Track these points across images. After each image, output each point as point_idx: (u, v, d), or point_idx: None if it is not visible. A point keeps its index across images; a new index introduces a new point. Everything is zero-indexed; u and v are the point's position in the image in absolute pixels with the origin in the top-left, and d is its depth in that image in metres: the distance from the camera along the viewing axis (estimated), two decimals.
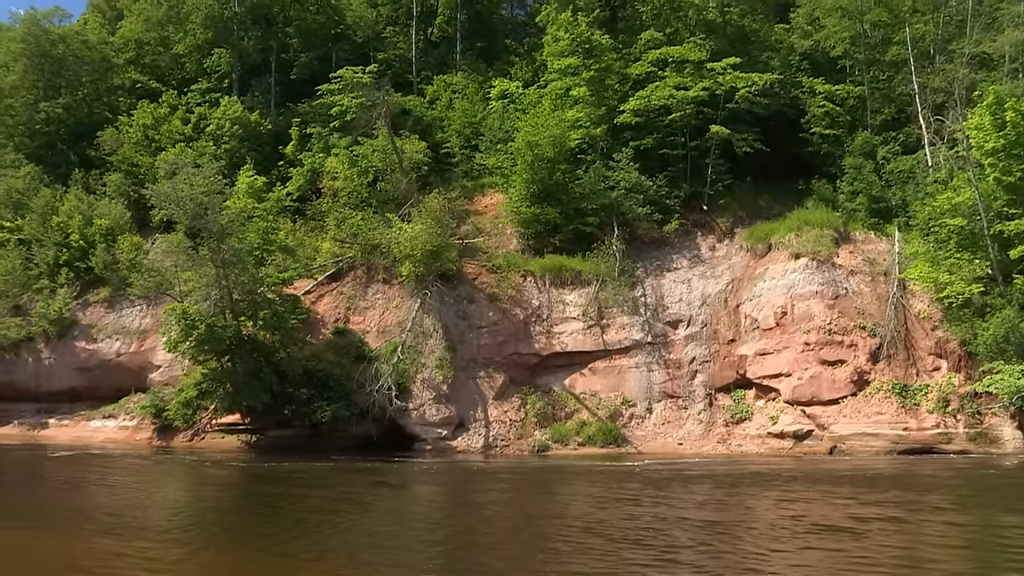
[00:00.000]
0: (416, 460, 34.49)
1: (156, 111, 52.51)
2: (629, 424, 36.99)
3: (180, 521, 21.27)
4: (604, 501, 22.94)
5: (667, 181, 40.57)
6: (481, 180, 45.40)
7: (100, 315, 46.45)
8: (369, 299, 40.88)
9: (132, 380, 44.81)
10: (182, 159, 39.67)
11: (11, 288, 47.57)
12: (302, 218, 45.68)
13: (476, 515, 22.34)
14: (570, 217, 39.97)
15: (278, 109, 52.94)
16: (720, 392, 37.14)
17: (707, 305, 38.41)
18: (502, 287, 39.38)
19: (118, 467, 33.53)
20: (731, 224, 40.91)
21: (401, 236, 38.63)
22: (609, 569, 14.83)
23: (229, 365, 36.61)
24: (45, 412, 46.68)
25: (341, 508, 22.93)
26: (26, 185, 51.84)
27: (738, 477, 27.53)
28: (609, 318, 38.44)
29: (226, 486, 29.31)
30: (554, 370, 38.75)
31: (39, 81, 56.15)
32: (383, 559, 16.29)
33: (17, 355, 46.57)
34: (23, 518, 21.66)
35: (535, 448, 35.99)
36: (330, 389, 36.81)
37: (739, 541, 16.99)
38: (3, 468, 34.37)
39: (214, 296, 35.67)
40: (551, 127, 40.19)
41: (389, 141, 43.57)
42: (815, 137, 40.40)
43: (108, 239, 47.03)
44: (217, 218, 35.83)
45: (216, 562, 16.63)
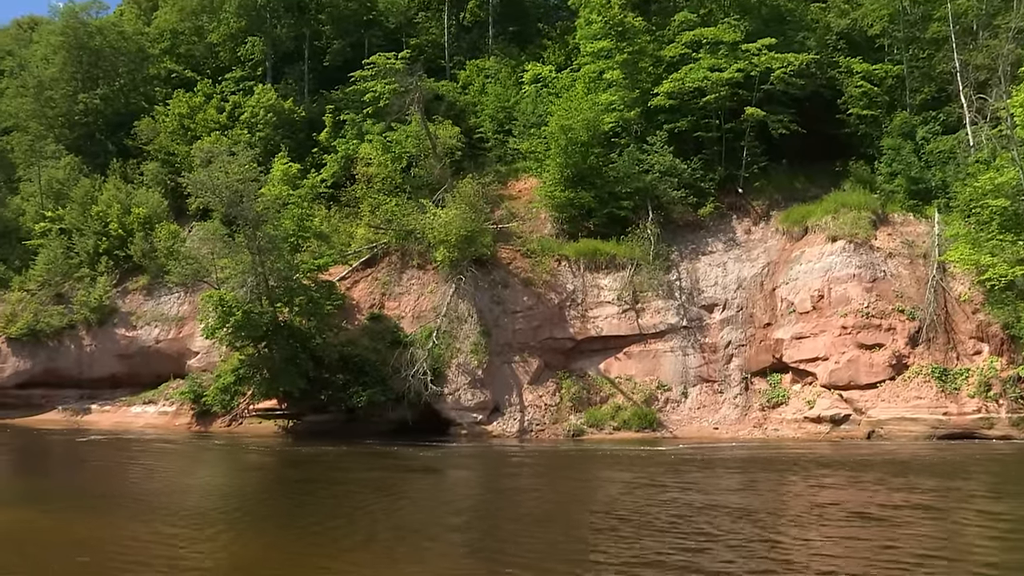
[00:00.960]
0: (451, 445, 34.67)
1: (191, 100, 52.98)
2: (664, 408, 36.85)
3: (216, 505, 21.53)
4: (637, 487, 22.88)
5: (702, 164, 40.19)
6: (515, 165, 45.30)
7: (139, 302, 47.09)
8: (404, 284, 41.04)
9: (171, 366, 45.44)
10: (217, 147, 39.92)
11: (53, 277, 48.40)
12: (336, 204, 45.90)
13: (511, 501, 22.43)
14: (604, 201, 39.76)
15: (311, 96, 53.14)
16: (756, 376, 36.83)
17: (743, 289, 38.06)
18: (536, 272, 39.32)
19: (153, 451, 34.09)
20: (767, 207, 40.45)
21: (435, 221, 38.68)
22: (635, 556, 14.75)
23: (266, 351, 36.96)
24: (88, 398, 47.49)
25: (377, 493, 23.08)
26: (66, 176, 52.64)
27: (773, 462, 27.36)
28: (644, 302, 38.25)
29: (262, 470, 29.65)
30: (589, 354, 38.67)
31: (78, 73, 56.86)
32: (418, 544, 16.37)
33: (60, 342, 47.38)
34: (62, 500, 22.10)
35: (570, 432, 35.98)
36: (366, 374, 37.05)
37: (766, 528, 16.77)
38: (42, 452, 35.00)
39: (250, 283, 35.98)
40: (584, 111, 39.96)
41: (422, 127, 43.59)
42: (852, 118, 39.72)
43: (146, 227, 47.62)
44: (252, 205, 36.09)
45: (252, 545, 16.80)
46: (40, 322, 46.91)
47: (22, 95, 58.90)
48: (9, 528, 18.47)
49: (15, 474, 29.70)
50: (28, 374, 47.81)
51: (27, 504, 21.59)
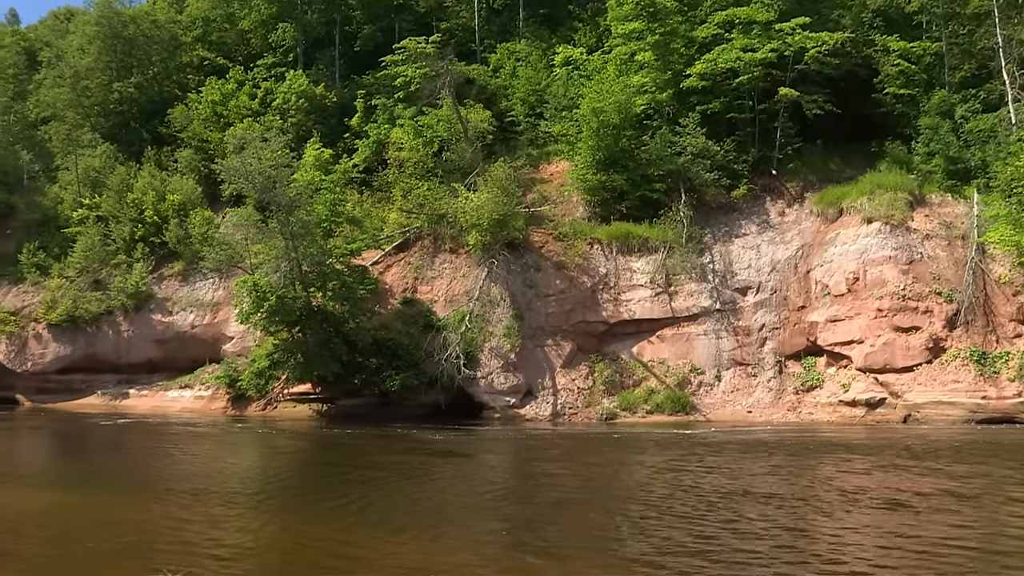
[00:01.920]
0: (485, 428, 34.76)
1: (224, 87, 53.27)
2: (698, 392, 36.70)
3: (252, 488, 21.77)
4: (668, 471, 22.80)
5: (735, 146, 39.82)
6: (546, 148, 45.14)
7: (175, 288, 47.59)
8: (436, 269, 41.15)
9: (206, 351, 45.95)
10: (250, 134, 40.14)
11: (91, 263, 49.06)
12: (369, 189, 46.09)
13: (542, 485, 22.45)
14: (636, 184, 39.53)
15: (343, 82, 53.30)
16: (790, 359, 36.54)
17: (776, 271, 37.72)
18: (569, 255, 39.23)
19: (190, 435, 34.50)
20: (801, 188, 39.98)
21: (467, 205, 38.71)
22: (659, 544, 14.74)
23: (300, 336, 37.25)
24: (126, 383, 48.18)
25: (410, 476, 23.18)
26: (102, 164, 53.25)
27: (806, 446, 27.10)
28: (677, 285, 38.07)
29: (297, 454, 29.93)
30: (622, 338, 38.58)
31: (112, 62, 57.45)
32: (450, 528, 16.47)
33: (98, 328, 48.06)
34: (102, 483, 22.45)
35: (603, 416, 35.95)
36: (399, 358, 37.25)
37: (792, 515, 16.61)
38: (83, 436, 35.54)
39: (284, 268, 36.25)
40: (616, 93, 39.71)
41: (454, 111, 43.56)
42: (888, 97, 39.09)
43: (181, 214, 48.11)
44: (285, 191, 36.33)
45: (287, 527, 16.98)
46: (79, 308, 47.62)
47: (59, 85, 59.61)
48: (53, 510, 18.80)
49: (57, 457, 30.22)
50: (68, 359, 48.59)
51: (69, 487, 21.99)
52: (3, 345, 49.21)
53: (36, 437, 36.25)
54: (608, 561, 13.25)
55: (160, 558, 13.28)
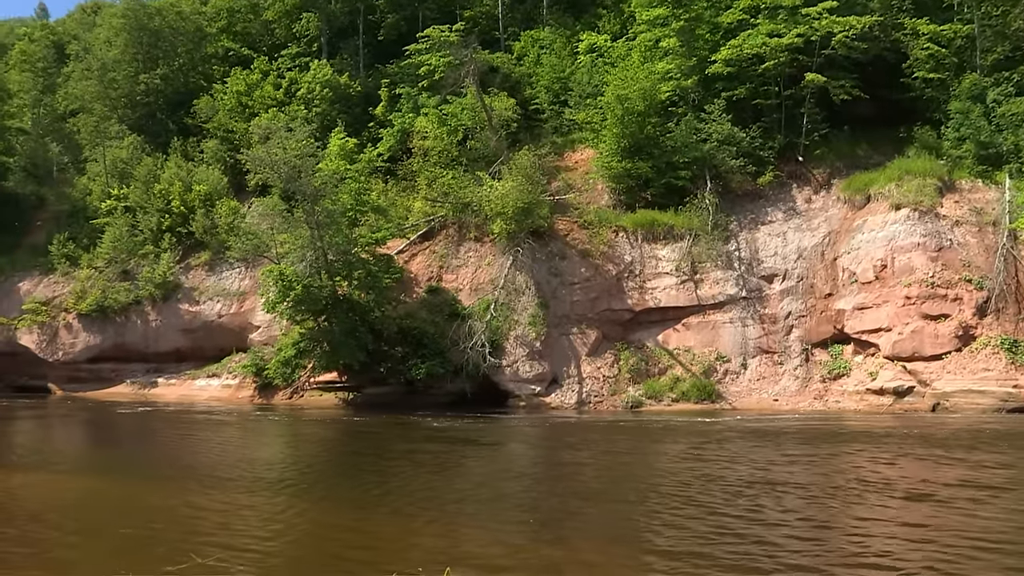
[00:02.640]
0: (510, 416, 34.82)
1: (248, 78, 53.53)
2: (723, 380, 36.56)
3: (278, 475, 21.91)
4: (692, 460, 22.75)
5: (760, 132, 39.47)
6: (571, 136, 44.99)
7: (201, 278, 47.96)
8: (461, 257, 41.20)
9: (233, 340, 46.33)
10: (275, 124, 40.33)
11: (119, 254, 49.58)
12: (393, 178, 46.19)
13: (567, 473, 22.47)
14: (662, 171, 39.32)
15: (367, 71, 53.37)
16: (817, 347, 36.28)
17: (803, 259, 37.43)
18: (594, 243, 39.14)
19: (218, 423, 34.80)
20: (828, 175, 39.58)
21: (492, 194, 38.70)
22: (684, 534, 14.69)
23: (326, 324, 37.44)
24: (154, 372, 48.72)
25: (436, 464, 23.26)
26: (129, 155, 53.73)
27: (832, 435, 26.87)
28: (702, 273, 37.89)
29: (324, 442, 30.09)
30: (647, 326, 38.48)
31: (138, 54, 57.90)
32: (477, 516, 16.48)
33: (127, 318, 48.58)
34: (132, 470, 22.72)
35: (629, 404, 35.89)
36: (424, 347, 37.37)
37: (818, 506, 16.42)
38: (113, 424, 35.95)
39: (309, 257, 36.43)
40: (641, 80, 39.48)
41: (478, 99, 43.50)
42: (918, 82, 38.49)
43: (207, 204, 48.46)
44: (310, 180, 36.48)
45: (314, 514, 17.08)
46: (108, 298, 48.15)
47: (87, 78, 60.16)
48: (85, 496, 19.07)
49: (89, 445, 30.61)
50: (98, 349, 49.18)
51: (101, 474, 22.28)
52: (35, 335, 49.88)
53: (68, 425, 36.70)
54: (633, 552, 13.23)
55: (190, 545, 13.41)
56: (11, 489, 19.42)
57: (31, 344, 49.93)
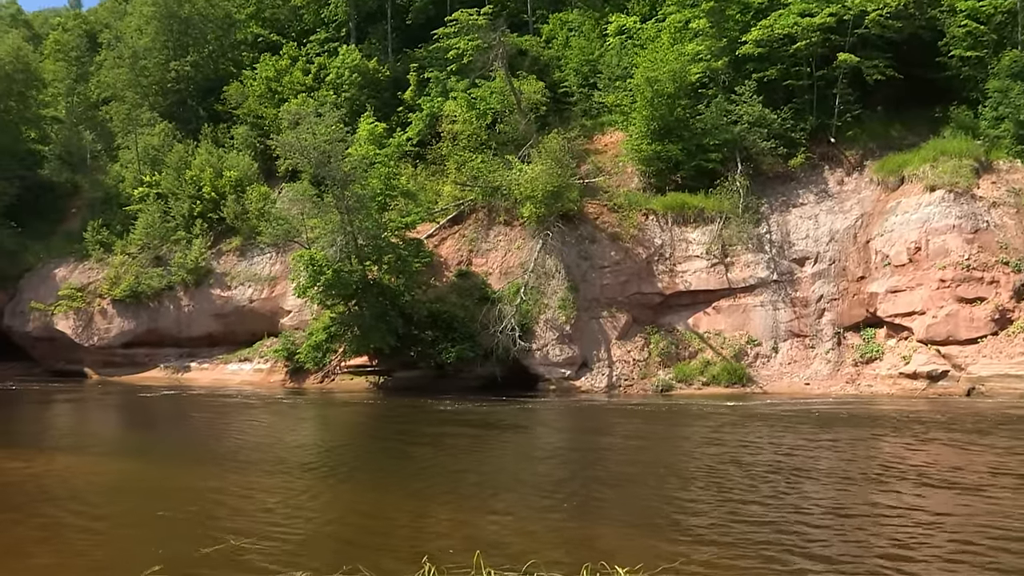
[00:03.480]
0: (540, 400, 34.84)
1: (278, 63, 53.69)
2: (754, 363, 36.36)
3: (310, 458, 22.15)
4: (725, 445, 22.69)
5: (792, 114, 39.03)
6: (600, 118, 44.76)
7: (233, 263, 48.31)
8: (491, 241, 41.23)
9: (265, 325, 46.67)
10: (304, 109, 40.49)
11: (152, 240, 50.01)
12: (423, 163, 46.23)
13: (602, 456, 22.48)
14: (692, 153, 39.04)
15: (395, 55, 53.34)
16: (849, 331, 35.95)
17: (835, 241, 37.07)
18: (624, 226, 38.99)
19: (250, 407, 35.08)
20: (860, 157, 39.08)
21: (521, 177, 38.64)
22: (716, 519, 14.63)
23: (356, 309, 37.63)
24: (187, 356, 49.18)
25: (467, 447, 23.39)
26: (161, 142, 54.07)
27: (863, 419, 26.61)
28: (733, 256, 37.66)
29: (355, 425, 30.33)
30: (677, 309, 38.34)
31: (169, 41, 58.14)
32: (511, 498, 16.53)
33: (160, 303, 49.06)
34: (167, 453, 23.01)
35: (659, 388, 35.79)
36: (454, 331, 37.47)
37: (847, 493, 16.21)
38: (147, 408, 36.39)
39: (340, 242, 36.56)
40: (670, 62, 39.17)
41: (506, 82, 43.38)
42: (954, 60, 37.62)
43: (238, 190, 48.72)
44: (340, 165, 36.58)
45: (346, 496, 17.27)
46: (141, 284, 48.62)
47: (118, 66, 60.55)
48: (120, 479, 19.33)
49: (124, 429, 31.01)
50: (132, 334, 49.70)
51: (136, 457, 22.59)
52: (71, 320, 50.49)
53: (103, 409, 37.20)
54: (659, 537, 13.20)
55: (225, 526, 13.57)
56: (51, 471, 19.74)
57: (67, 329, 50.59)
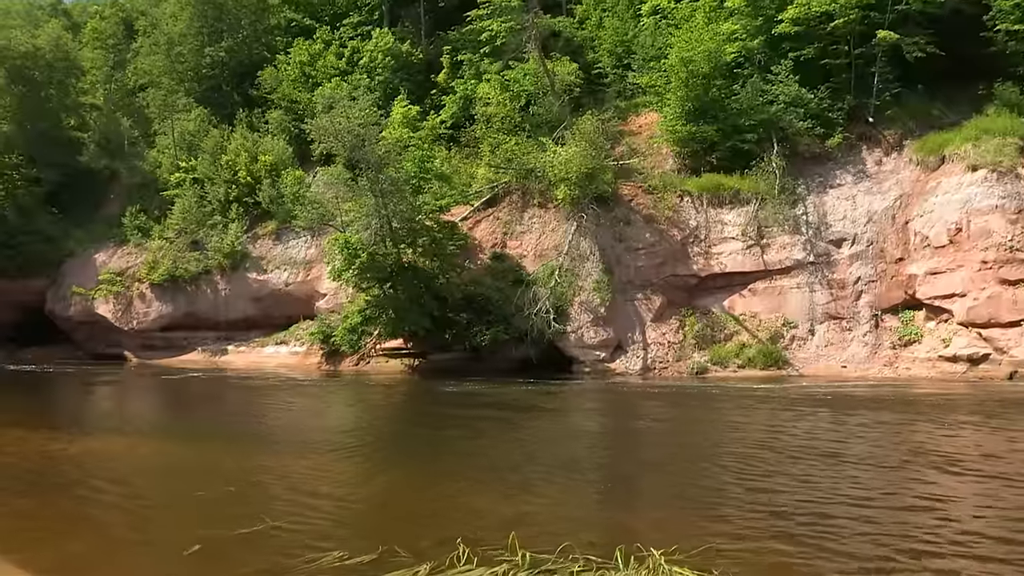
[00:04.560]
0: (575, 382, 34.84)
1: (311, 48, 53.84)
2: (790, 346, 36.04)
3: (347, 439, 22.23)
4: (761, 428, 22.59)
5: (829, 93, 38.40)
6: (635, 100, 44.39)
7: (268, 247, 48.68)
8: (525, 223, 41.15)
9: (300, 308, 47.05)
10: (338, 93, 40.57)
11: (189, 225, 50.53)
12: (456, 145, 46.18)
13: (638, 439, 22.47)
14: (727, 134, 38.60)
15: (428, 38, 53.27)
16: (887, 313, 35.45)
17: (873, 222, 36.51)
18: (659, 208, 38.72)
19: (287, 389, 35.39)
20: (899, 136, 38.36)
21: (555, 159, 38.47)
22: (753, 505, 14.50)
23: (391, 292, 37.78)
24: (224, 339, 49.75)
25: (501, 429, 23.43)
26: (197, 127, 54.50)
27: (900, 403, 26.24)
28: (769, 237, 37.28)
29: (390, 407, 30.53)
30: (712, 291, 38.07)
31: (203, 27, 58.44)
32: (547, 480, 16.53)
33: (197, 287, 49.61)
34: (206, 435, 23.30)
35: (694, 370, 35.66)
36: (489, 313, 37.52)
37: (888, 481, 15.91)
38: (186, 390, 36.85)
39: (374, 225, 36.66)
40: (705, 41, 38.70)
41: (540, 64, 43.17)
42: (1000, 35, 36.43)
43: (272, 174, 49.03)
44: (374, 149, 36.63)
45: (381, 476, 17.38)
46: (179, 268, 49.20)
47: (154, 53, 61.07)
48: (159, 460, 19.59)
49: (163, 411, 31.44)
50: (170, 317, 50.35)
51: (175, 438, 22.84)
52: (111, 304, 51.25)
53: (143, 391, 37.75)
54: (703, 517, 13.14)
55: (261, 507, 13.68)
56: (92, 452, 20.04)
57: (107, 313, 51.36)
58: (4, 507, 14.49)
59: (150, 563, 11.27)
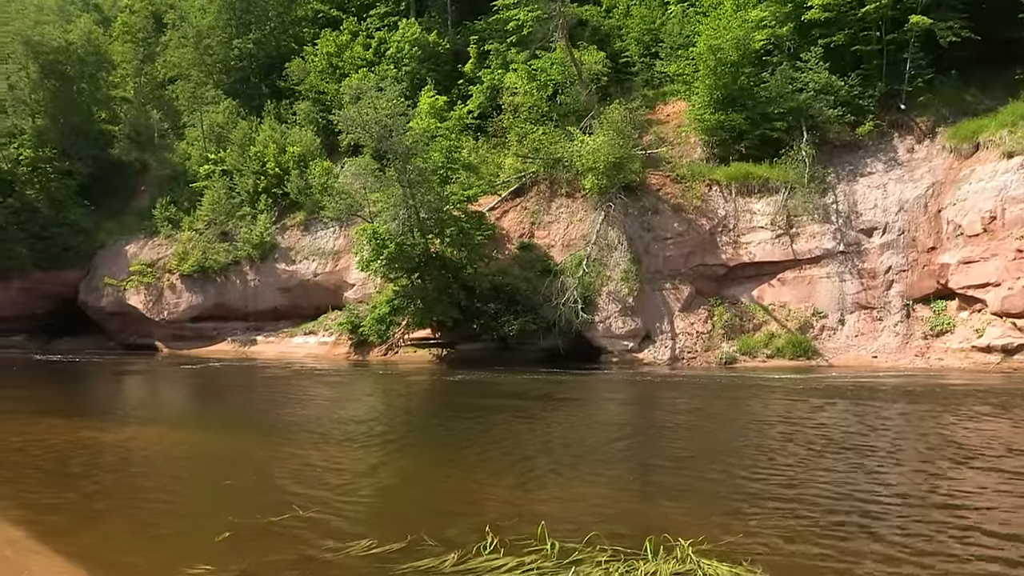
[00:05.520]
0: (603, 372, 34.76)
1: (338, 39, 54.02)
2: (820, 336, 35.74)
3: (376, 429, 22.23)
4: (792, 419, 22.38)
5: (860, 80, 37.92)
6: (662, 88, 44.12)
7: (297, 238, 48.97)
8: (553, 213, 41.10)
9: (329, 298, 47.32)
10: (365, 84, 40.59)
11: (218, 216, 50.95)
12: (484, 135, 46.21)
13: (667, 430, 22.37)
14: (756, 123, 38.27)
15: (455, 28, 53.22)
16: (918, 303, 35.05)
17: (904, 211, 36.06)
18: (687, 197, 38.51)
19: (315, 379, 35.55)
20: (932, 123, 37.77)
21: (583, 149, 38.37)
22: (782, 496, 14.37)
23: (419, 282, 37.90)
24: (253, 330, 50.15)
25: (528, 420, 23.39)
26: (225, 119, 54.89)
27: (931, 394, 25.76)
28: (798, 227, 36.97)
29: (418, 397, 30.55)
30: (741, 281, 37.85)
31: (231, 20, 58.82)
32: (576, 471, 16.49)
33: (227, 278, 50.04)
34: (236, 424, 23.49)
35: (722, 360, 35.47)
36: (517, 303, 37.56)
37: (919, 474, 15.75)
38: (215, 380, 37.16)
39: (402, 215, 36.79)
40: (734, 29, 38.34)
41: (567, 53, 43.00)
42: None
43: (301, 165, 49.31)
44: (401, 139, 36.73)
45: (410, 466, 17.39)
46: (208, 259, 49.64)
47: (183, 45, 61.54)
48: (189, 448, 19.74)
49: (193, 400, 31.69)
50: (200, 308, 50.82)
51: (205, 427, 23.05)
52: (142, 295, 51.81)
53: (173, 381, 38.05)
54: (731, 509, 13.06)
55: (290, 496, 13.75)
56: (123, 441, 20.23)
57: (139, 304, 51.92)
58: (41, 493, 14.69)
59: (181, 549, 11.36)
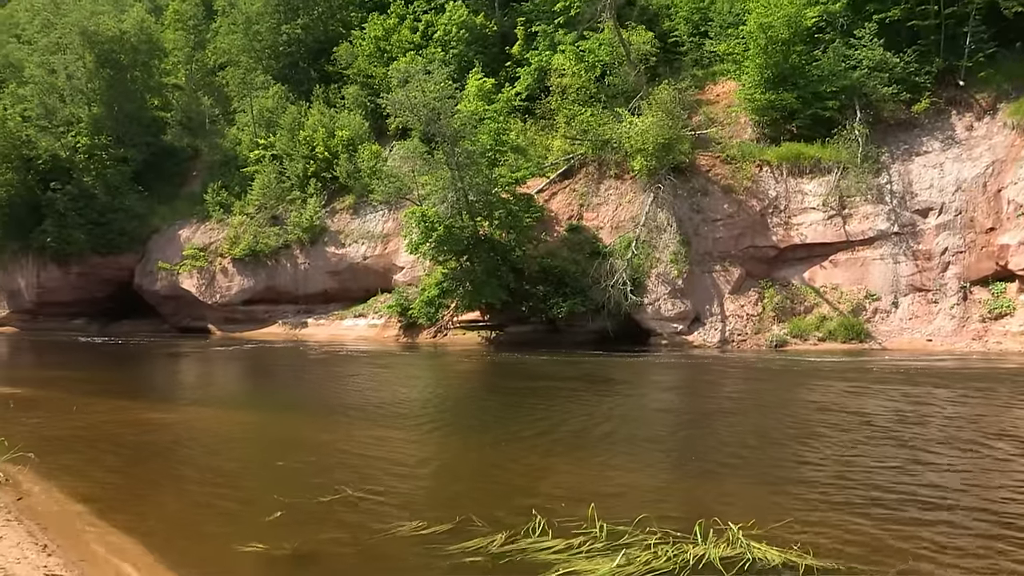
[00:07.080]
0: (652, 355, 34.55)
1: (385, 23, 54.15)
2: (873, 319, 35.13)
3: (426, 411, 22.45)
4: (845, 404, 22.11)
5: (916, 56, 36.96)
6: (712, 68, 43.51)
7: (346, 221, 49.38)
8: (601, 195, 40.90)
9: (378, 281, 47.70)
10: (413, 67, 40.68)
11: (268, 200, 51.61)
12: (532, 117, 46.04)
13: (717, 412, 22.19)
14: (807, 102, 37.57)
15: (502, 10, 52.97)
16: (976, 285, 34.21)
17: (962, 191, 35.17)
18: (737, 178, 38.03)
19: (365, 361, 35.88)
20: (993, 99, 36.62)
21: (632, 130, 38.04)
22: (833, 484, 14.17)
23: (468, 264, 38.01)
24: (304, 312, 50.82)
25: (580, 401, 23.35)
26: (275, 104, 55.51)
27: (993, 378, 25.16)
28: (851, 207, 36.31)
29: (468, 379, 30.66)
30: (792, 263, 37.32)
31: (280, 5, 59.37)
32: (620, 451, 16.47)
33: (277, 261, 50.70)
34: (288, 406, 23.79)
35: (773, 343, 35.09)
36: (565, 285, 37.50)
37: (966, 459, 15.46)
38: (268, 362, 37.69)
39: (451, 198, 36.87)
40: (785, 6, 37.54)
41: (615, 34, 42.62)
42: None
43: (349, 149, 49.69)
44: (449, 122, 36.75)
45: (459, 448, 17.51)
46: (259, 243, 50.35)
47: (233, 32, 62.28)
48: (242, 429, 20.07)
49: (246, 382, 32.19)
50: (252, 291, 51.59)
51: (256, 409, 23.37)
52: (195, 279, 52.74)
53: (226, 363, 38.67)
54: (781, 492, 12.92)
55: (340, 477, 13.90)
56: (184, 422, 20.62)
57: (191, 288, 52.84)
58: (106, 471, 15.08)
59: (235, 527, 11.55)
